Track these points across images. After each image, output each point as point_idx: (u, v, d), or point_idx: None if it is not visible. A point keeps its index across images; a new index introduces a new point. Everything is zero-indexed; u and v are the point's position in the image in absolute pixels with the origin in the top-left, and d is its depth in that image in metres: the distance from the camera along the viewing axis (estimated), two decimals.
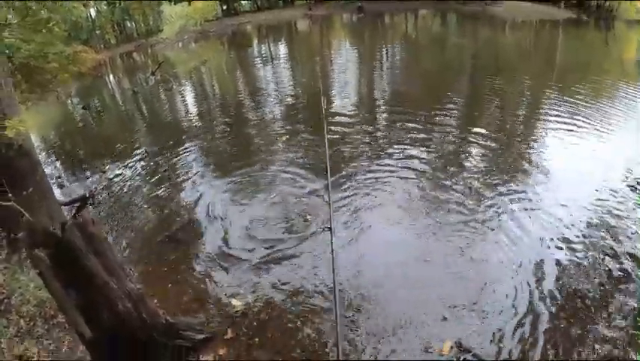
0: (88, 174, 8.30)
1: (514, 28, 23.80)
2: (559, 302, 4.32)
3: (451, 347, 3.83)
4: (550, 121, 9.39)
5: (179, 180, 7.53)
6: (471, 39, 20.73)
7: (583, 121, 9.20)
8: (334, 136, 8.66)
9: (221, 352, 3.93)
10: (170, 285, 4.94)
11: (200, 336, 4.04)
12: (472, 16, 26.57)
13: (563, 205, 5.97)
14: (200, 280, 4.97)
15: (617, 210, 5.87)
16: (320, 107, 10.32)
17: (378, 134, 8.89)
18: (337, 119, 10.06)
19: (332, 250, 4.87)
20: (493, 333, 4.01)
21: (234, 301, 4.56)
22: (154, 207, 6.70)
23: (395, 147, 8.03)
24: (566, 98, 10.94)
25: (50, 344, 3.95)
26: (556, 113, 9.92)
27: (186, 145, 8.99)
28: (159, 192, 7.10)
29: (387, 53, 19.17)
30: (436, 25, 26.88)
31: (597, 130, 8.77)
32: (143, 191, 7.29)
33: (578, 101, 10.61)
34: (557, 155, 7.73)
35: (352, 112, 10.63)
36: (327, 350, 3.92)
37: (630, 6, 23.85)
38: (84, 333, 3.29)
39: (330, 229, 4.99)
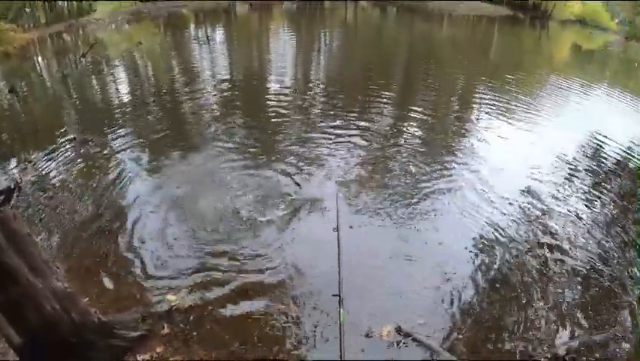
0: (13, 163, 7.60)
1: (452, 23, 24.74)
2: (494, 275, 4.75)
3: (389, 332, 3.97)
4: (482, 105, 10.11)
5: (110, 167, 7.05)
6: (408, 31, 21.37)
7: (512, 108, 9.98)
8: (272, 119, 8.79)
9: (159, 349, 3.76)
10: (101, 280, 4.63)
11: (136, 334, 3.85)
12: (411, 9, 27.30)
13: (492, 182, 6.65)
14: (133, 274, 4.71)
15: (546, 182, 6.71)
16: (257, 91, 10.32)
17: (315, 116, 9.14)
18: (274, 102, 10.10)
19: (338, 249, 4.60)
20: (432, 312, 4.26)
21: (169, 296, 4.37)
22: (84, 197, 6.20)
23: (332, 128, 8.33)
24: (497, 88, 11.71)
25: None
26: (488, 99, 10.64)
27: (118, 131, 8.45)
28: (89, 182, 6.62)
29: (325, 41, 19.37)
30: (375, 16, 27.35)
31: (526, 114, 9.55)
32: (73, 181, 6.72)
33: (508, 90, 11.41)
34: (488, 136, 8.48)
35: (289, 96, 10.73)
36: (269, 341, 3.92)
37: (565, 7, 25.60)
38: (11, 338, 3.06)
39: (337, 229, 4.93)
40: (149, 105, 10.42)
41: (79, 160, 7.34)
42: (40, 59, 17.96)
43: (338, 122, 8.79)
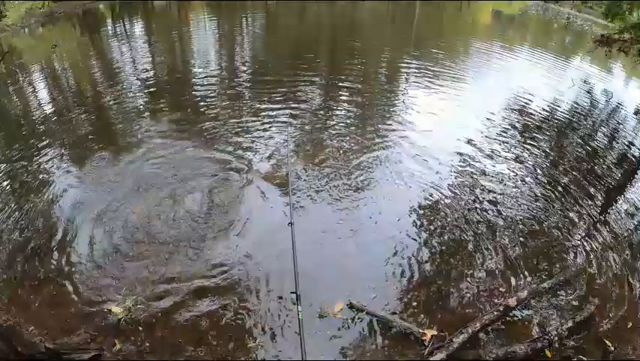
0: None
1: None
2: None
3: (341, 309, 3.93)
4: (409, 74, 10.42)
5: (39, 183, 6.43)
6: (331, 8, 21.32)
7: (438, 74, 10.30)
8: (202, 109, 8.51)
9: None
10: (44, 305, 4.18)
11: (87, 356, 3.56)
12: None
13: (426, 146, 6.89)
14: (75, 293, 4.29)
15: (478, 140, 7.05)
16: (183, 82, 10.20)
17: (245, 101, 8.95)
18: (202, 92, 9.78)
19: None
20: (381, 283, 4.27)
21: (114, 309, 4.04)
22: (13, 219, 5.61)
23: (263, 111, 8.20)
24: (422, 56, 12.04)
25: None
26: (414, 68, 10.92)
27: (43, 143, 7.76)
28: (17, 201, 6.06)
29: (247, 26, 19.03)
30: None
31: (452, 79, 9.89)
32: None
33: (433, 58, 11.75)
34: (417, 103, 8.78)
35: (217, 84, 10.39)
36: (225, 340, 3.74)
37: None
38: None
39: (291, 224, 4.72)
40: (71, 110, 9.70)
41: (3, 179, 6.70)
42: None
43: (268, 105, 8.57)
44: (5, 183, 6.49)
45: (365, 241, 4.88)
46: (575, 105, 9.35)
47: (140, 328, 3.86)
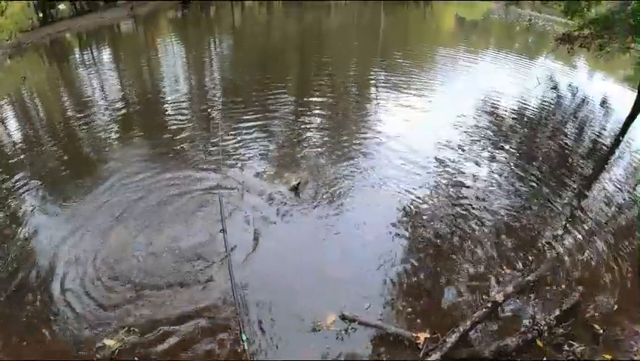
0: None
1: (339, 10, 25.34)
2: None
3: (334, 321, 3.92)
4: (378, 83, 10.61)
5: (12, 218, 6.31)
6: (298, 23, 21.59)
7: (406, 81, 10.50)
8: (173, 134, 8.38)
9: None
10: (33, 345, 4.07)
11: None
12: (297, 1, 27.54)
13: (401, 152, 6.98)
14: (65, 329, 4.19)
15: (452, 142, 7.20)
16: (153, 108, 10.16)
17: (216, 122, 8.74)
18: (173, 116, 9.67)
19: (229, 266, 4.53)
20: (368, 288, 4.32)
21: (107, 341, 3.95)
22: None
23: (235, 131, 8.16)
24: (389, 65, 12.25)
25: None
26: (382, 77, 11.10)
27: (16, 178, 7.55)
28: None
29: (215, 46, 19.15)
30: (263, 14, 27.28)
31: (420, 85, 10.08)
32: None
33: (400, 66, 11.96)
34: (388, 110, 8.95)
35: (187, 108, 10.35)
36: None
37: None
38: None
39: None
40: (43, 142, 9.50)
41: None
42: None
43: (240, 125, 8.54)
44: None
45: (349, 248, 4.92)
46: (543, 102, 9.64)
47: (136, 358, 3.79)
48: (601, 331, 3.79)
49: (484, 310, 3.81)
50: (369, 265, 4.63)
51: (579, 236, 5.06)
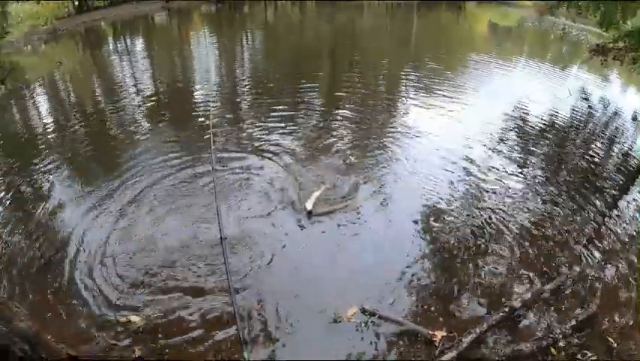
0: None
1: (371, 11, 25.32)
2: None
3: (354, 313, 4.08)
4: (409, 87, 10.61)
5: (43, 198, 6.59)
6: (330, 23, 21.68)
7: (438, 86, 10.49)
8: (202, 127, 8.54)
9: None
10: (60, 315, 4.34)
11: None
12: (330, 1, 27.65)
13: (430, 156, 7.08)
14: (91, 303, 4.44)
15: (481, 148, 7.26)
16: (183, 99, 10.56)
17: (245, 115, 9.22)
18: (203, 108, 9.92)
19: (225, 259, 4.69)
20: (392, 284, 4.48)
21: (133, 318, 4.19)
22: (19, 234, 5.71)
23: (263, 128, 8.39)
24: (421, 69, 12.25)
25: None
26: (414, 81, 11.11)
27: (48, 159, 7.90)
28: (23, 217, 6.13)
29: (247, 41, 19.42)
30: (295, 13, 27.49)
31: (452, 90, 10.09)
32: (5, 219, 6.19)
33: (432, 70, 11.94)
34: (419, 114, 8.99)
35: (217, 100, 10.62)
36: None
37: None
38: None
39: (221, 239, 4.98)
40: (76, 127, 9.92)
41: (9, 195, 6.83)
42: None
43: (270, 115, 8.91)
44: (12, 200, 6.65)
45: (373, 243, 5.14)
46: (574, 112, 9.54)
47: (160, 336, 4.00)
48: (615, 345, 3.83)
49: (500, 314, 3.90)
50: (393, 261, 4.81)
51: (601, 251, 5.06)
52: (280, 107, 9.36)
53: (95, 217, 5.85)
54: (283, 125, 8.36)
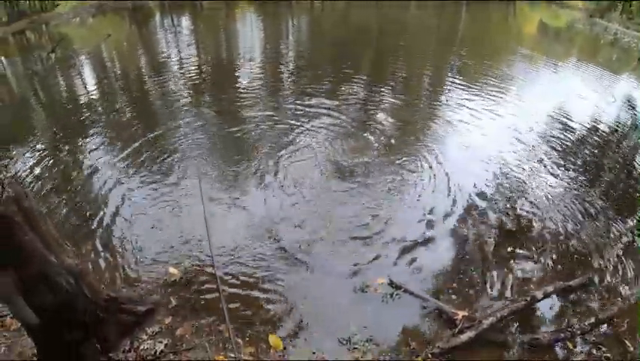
0: None
1: (418, 4, 24.97)
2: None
3: (382, 284, 4.37)
4: (454, 84, 10.55)
5: (88, 162, 7.09)
6: (375, 14, 21.55)
7: (484, 86, 10.42)
8: (245, 102, 9.13)
9: (167, 321, 3.98)
10: (101, 263, 4.82)
11: (144, 308, 4.02)
12: None
13: (468, 154, 7.12)
14: (134, 255, 4.91)
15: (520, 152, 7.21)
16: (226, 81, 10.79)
17: (287, 96, 9.50)
18: (247, 86, 10.37)
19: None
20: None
21: (171, 270, 4.58)
22: (62, 193, 6.20)
23: (303, 110, 8.66)
24: (467, 68, 12.13)
25: None
26: (458, 80, 11.03)
27: (95, 126, 8.45)
28: (69, 178, 6.61)
29: (292, 23, 19.68)
30: (341, 3, 27.40)
31: (497, 91, 10.01)
32: (53, 178, 6.67)
33: (479, 70, 11.82)
34: (461, 112, 8.92)
35: (261, 79, 11.04)
36: (269, 306, 4.22)
37: None
38: (29, 320, 3.15)
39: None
40: (120, 95, 10.53)
41: (58, 158, 7.31)
42: (3, 58, 17.38)
43: (311, 102, 9.10)
44: (61, 161, 7.18)
45: (407, 228, 5.32)
46: (617, 121, 9.28)
47: (195, 288, 4.37)
48: (632, 348, 3.91)
49: (522, 302, 4.04)
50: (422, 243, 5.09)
51: (630, 257, 5.05)
52: (321, 87, 9.77)
53: (137, 182, 6.33)
54: (322, 105, 8.72)
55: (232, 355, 3.59)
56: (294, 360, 3.53)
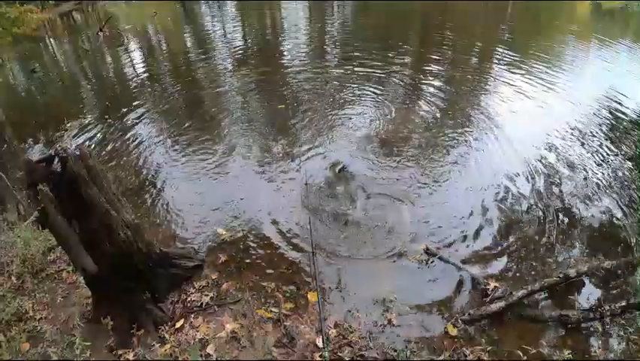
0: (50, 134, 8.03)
1: None
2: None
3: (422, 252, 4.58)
4: (501, 66, 10.38)
5: (136, 135, 7.60)
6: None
7: (532, 69, 10.18)
8: (294, 80, 9.47)
9: (214, 276, 4.31)
10: (154, 220, 5.28)
11: (192, 264, 4.37)
12: None
13: (513, 138, 6.98)
14: (182, 217, 5.34)
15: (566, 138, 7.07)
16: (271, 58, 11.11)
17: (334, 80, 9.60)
18: (294, 66, 10.59)
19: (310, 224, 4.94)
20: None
21: (220, 230, 4.97)
22: (117, 159, 6.77)
23: (352, 92, 8.87)
24: (516, 48, 11.83)
25: (43, 296, 4.03)
26: (506, 60, 10.79)
27: (144, 104, 8.92)
28: (120, 150, 7.12)
29: (339, 6, 19.56)
30: None
31: (546, 74, 9.77)
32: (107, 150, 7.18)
33: (527, 51, 11.53)
34: (508, 94, 8.86)
35: (306, 59, 11.30)
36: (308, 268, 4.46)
37: None
38: (87, 267, 3.44)
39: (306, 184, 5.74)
40: (165, 71, 11.02)
41: (114, 131, 7.84)
42: (55, 38, 18.23)
43: (356, 81, 9.35)
44: (117, 136, 7.62)
45: (454, 206, 5.45)
46: None
47: (242, 247, 4.77)
48: None
49: (555, 279, 4.09)
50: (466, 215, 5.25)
51: None
52: (365, 71, 9.79)
53: (187, 153, 6.75)
54: (367, 88, 8.83)
55: (273, 309, 3.85)
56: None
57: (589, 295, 4.23)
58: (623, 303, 4.01)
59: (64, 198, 3.20)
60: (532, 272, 4.43)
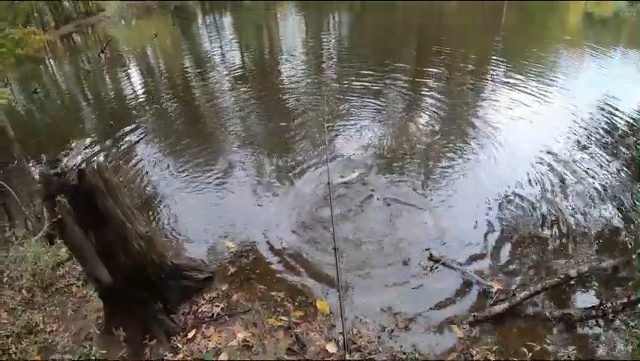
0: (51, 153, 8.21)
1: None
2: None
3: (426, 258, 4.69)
4: (495, 76, 10.64)
5: (144, 150, 7.83)
6: (417, 6, 21.51)
7: (527, 76, 10.36)
8: (291, 98, 9.60)
9: (224, 287, 4.40)
10: (160, 236, 5.33)
11: (203, 276, 4.46)
12: None
13: (512, 145, 7.13)
14: (189, 231, 5.49)
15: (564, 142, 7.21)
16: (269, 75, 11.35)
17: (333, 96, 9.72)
18: (291, 82, 10.83)
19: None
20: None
21: (228, 243, 5.09)
22: (124, 177, 6.84)
23: (342, 97, 9.24)
24: (510, 58, 12.06)
25: (53, 310, 4.10)
26: (501, 70, 11.00)
27: (146, 123, 9.13)
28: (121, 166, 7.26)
29: (334, 19, 20.13)
30: None
31: (540, 82, 9.96)
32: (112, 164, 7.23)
33: (521, 61, 11.73)
34: (504, 102, 9.00)
35: (304, 74, 11.49)
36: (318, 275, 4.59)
37: None
38: (103, 278, 3.52)
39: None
40: (166, 90, 11.25)
41: (116, 147, 7.99)
42: (55, 60, 18.53)
43: (353, 90, 9.61)
44: (119, 153, 7.75)
45: (457, 215, 5.57)
46: None
47: (251, 259, 4.88)
48: None
49: (556, 279, 4.19)
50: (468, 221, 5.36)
51: None
52: (362, 82, 10.06)
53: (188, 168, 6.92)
54: (365, 99, 9.06)
55: (283, 318, 3.94)
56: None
57: (590, 294, 4.31)
58: (625, 300, 4.10)
59: (81, 210, 3.29)
60: (534, 273, 4.53)
